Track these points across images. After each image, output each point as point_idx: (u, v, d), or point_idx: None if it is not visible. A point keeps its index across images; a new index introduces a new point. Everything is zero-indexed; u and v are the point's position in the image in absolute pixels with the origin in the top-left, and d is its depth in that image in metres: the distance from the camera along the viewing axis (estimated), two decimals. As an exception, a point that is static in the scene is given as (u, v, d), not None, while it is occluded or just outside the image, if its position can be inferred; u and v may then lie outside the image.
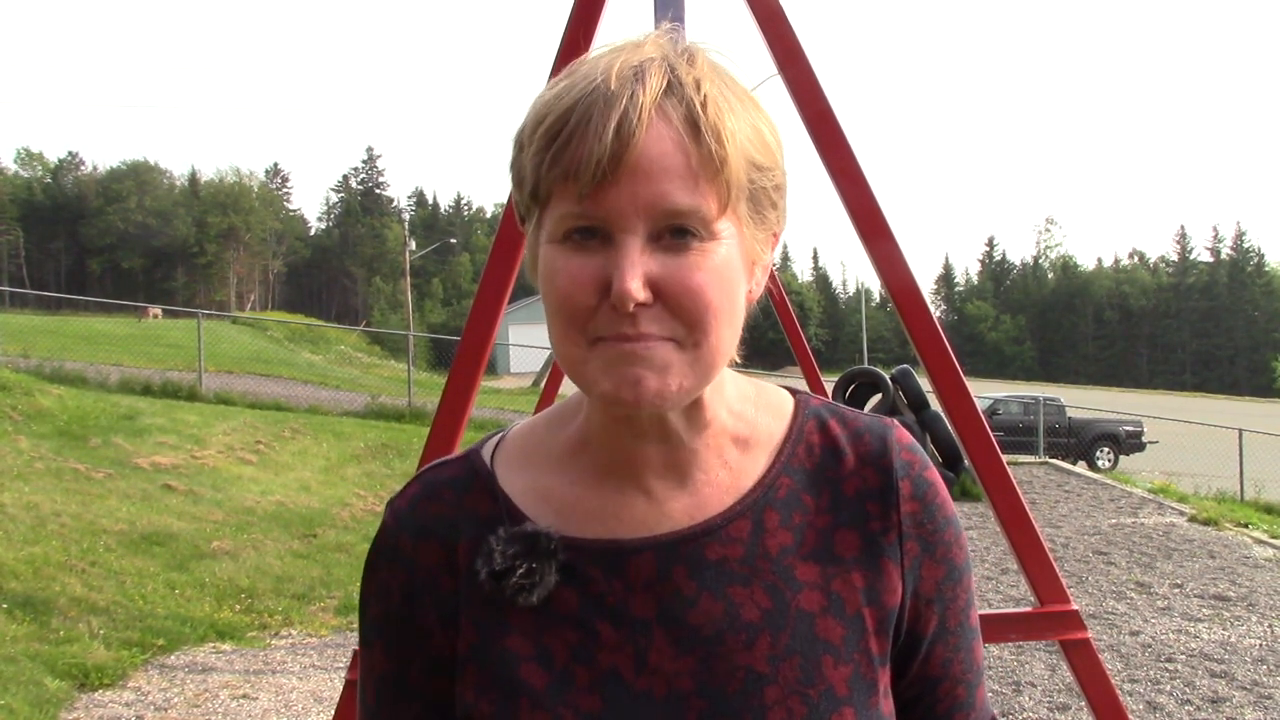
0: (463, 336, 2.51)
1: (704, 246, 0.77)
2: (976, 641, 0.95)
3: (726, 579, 0.85)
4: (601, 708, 0.82)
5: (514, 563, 0.83)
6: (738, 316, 0.82)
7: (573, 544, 0.85)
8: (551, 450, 0.91)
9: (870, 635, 0.86)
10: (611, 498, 0.87)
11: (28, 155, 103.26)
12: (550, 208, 0.78)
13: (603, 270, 0.76)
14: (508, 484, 0.90)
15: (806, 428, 0.92)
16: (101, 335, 21.38)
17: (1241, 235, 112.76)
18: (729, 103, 0.78)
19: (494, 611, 0.85)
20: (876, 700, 0.86)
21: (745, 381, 0.94)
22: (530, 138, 0.78)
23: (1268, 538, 10.88)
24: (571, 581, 0.84)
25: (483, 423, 15.72)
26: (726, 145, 0.76)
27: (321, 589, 7.79)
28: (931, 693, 0.93)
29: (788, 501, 0.88)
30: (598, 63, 0.78)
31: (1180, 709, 5.74)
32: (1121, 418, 24.16)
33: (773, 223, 0.84)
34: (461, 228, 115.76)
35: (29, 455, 9.79)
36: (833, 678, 0.84)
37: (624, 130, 0.74)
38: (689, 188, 0.76)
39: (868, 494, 0.89)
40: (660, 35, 0.82)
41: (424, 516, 0.89)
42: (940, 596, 0.91)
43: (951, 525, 0.92)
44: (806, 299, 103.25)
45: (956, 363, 2.47)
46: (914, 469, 0.91)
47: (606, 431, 0.87)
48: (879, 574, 0.88)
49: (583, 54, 0.83)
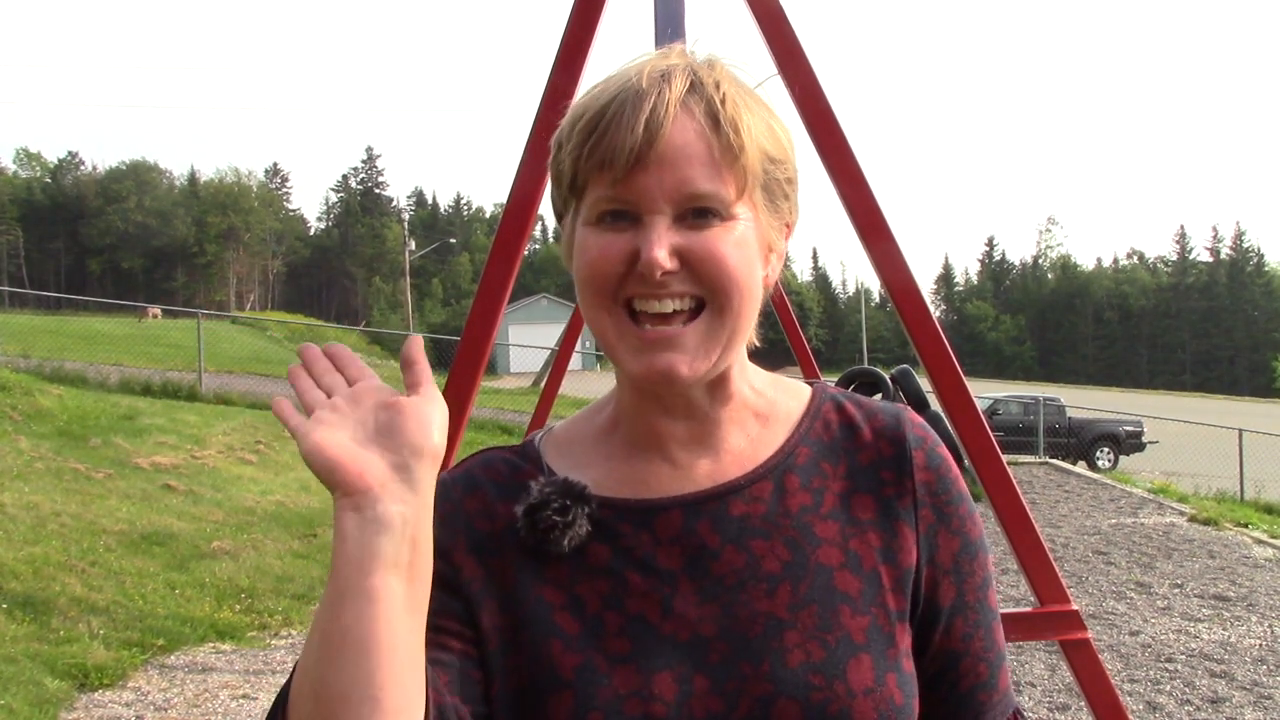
0: (463, 336, 2.50)
1: (725, 224, 0.86)
2: (997, 624, 0.98)
3: (749, 533, 0.91)
4: (630, 650, 0.87)
5: (549, 498, 0.90)
6: (756, 291, 0.89)
7: (606, 502, 0.92)
8: (588, 435, 0.99)
9: (887, 591, 0.91)
10: (641, 467, 0.94)
11: (28, 155, 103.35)
12: (586, 195, 0.87)
13: (631, 244, 0.85)
14: (552, 464, 0.97)
15: (824, 408, 0.99)
16: (101, 335, 21.35)
17: (1241, 235, 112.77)
18: (745, 102, 0.88)
19: (529, 562, 0.91)
20: (895, 654, 0.89)
21: (765, 372, 1.01)
22: (569, 135, 0.88)
23: (1268, 538, 10.89)
24: (603, 536, 0.91)
25: (483, 423, 15.71)
26: (743, 136, 0.85)
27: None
28: (954, 668, 0.95)
29: (806, 468, 0.94)
30: (629, 70, 0.88)
31: (1180, 709, 5.74)
32: (1121, 418, 24.14)
33: (785, 213, 0.93)
34: (461, 228, 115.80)
35: (29, 455, 9.79)
36: (850, 626, 0.88)
37: (653, 122, 0.83)
38: (710, 174, 0.85)
39: (882, 463, 0.95)
40: (683, 48, 0.91)
41: (476, 478, 0.96)
42: (958, 569, 0.95)
43: (965, 501, 0.97)
44: (806, 299, 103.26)
45: (956, 363, 2.47)
46: (927, 443, 0.96)
47: (635, 409, 0.95)
48: (894, 535, 0.93)
49: (583, 54, 0.92)
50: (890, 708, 0.86)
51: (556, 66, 2.37)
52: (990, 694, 0.96)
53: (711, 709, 0.85)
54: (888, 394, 10.84)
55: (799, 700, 0.85)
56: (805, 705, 0.85)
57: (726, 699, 0.85)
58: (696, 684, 0.86)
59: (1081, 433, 22.57)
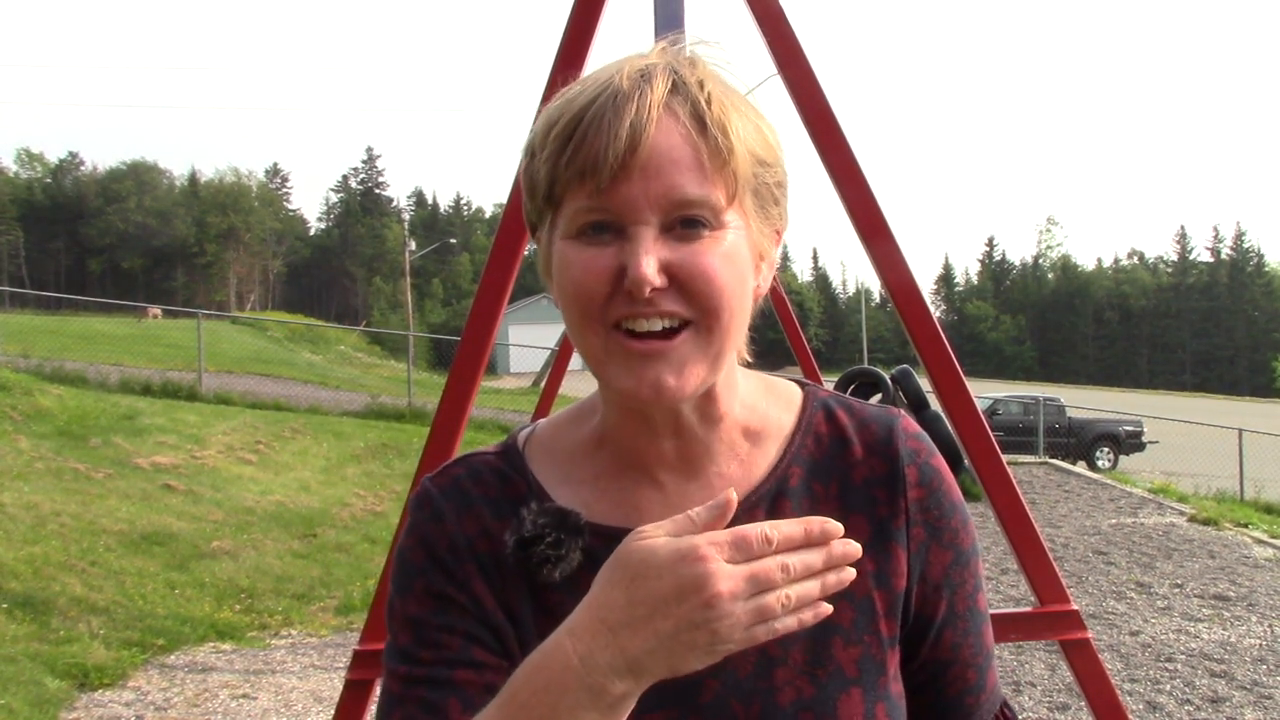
0: (463, 336, 2.51)
1: (714, 234, 0.81)
2: (986, 625, 0.97)
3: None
4: None
5: (543, 531, 0.86)
6: (746, 304, 0.85)
7: (597, 530, 0.88)
8: (574, 447, 0.95)
9: (880, 618, 0.89)
10: (630, 490, 0.91)
11: (28, 155, 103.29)
12: (564, 207, 0.82)
13: (616, 260, 0.80)
14: (539, 474, 0.94)
15: (815, 419, 0.95)
16: (101, 335, 21.35)
17: (1241, 235, 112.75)
18: (731, 102, 0.83)
19: (525, 585, 0.88)
20: (885, 681, 0.89)
21: (755, 376, 0.97)
22: (543, 142, 0.82)
23: (1268, 538, 10.88)
24: (594, 565, 0.86)
25: (483, 423, 15.70)
26: (732, 138, 0.80)
27: (321, 589, 7.79)
28: (942, 676, 0.95)
29: (799, 490, 0.91)
30: (605, 71, 0.83)
31: (1180, 709, 5.74)
32: (1121, 418, 24.15)
33: (775, 219, 0.88)
34: (461, 228, 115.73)
35: (29, 455, 9.79)
36: (841, 658, 0.87)
37: (636, 127, 0.78)
38: (698, 179, 0.80)
39: (875, 481, 0.92)
40: (663, 46, 0.86)
41: (467, 494, 0.92)
42: (948, 582, 0.93)
43: (958, 511, 0.95)
44: (806, 299, 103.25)
45: (956, 363, 2.47)
46: (920, 456, 0.94)
47: (621, 429, 0.90)
48: (887, 558, 0.90)
49: (583, 54, 0.88)
50: None
51: (557, 66, 2.37)
52: (978, 696, 0.97)
53: None
54: (888, 394, 10.81)
55: None
56: None
57: None
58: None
59: (1081, 433, 22.58)
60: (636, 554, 0.72)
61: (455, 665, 0.86)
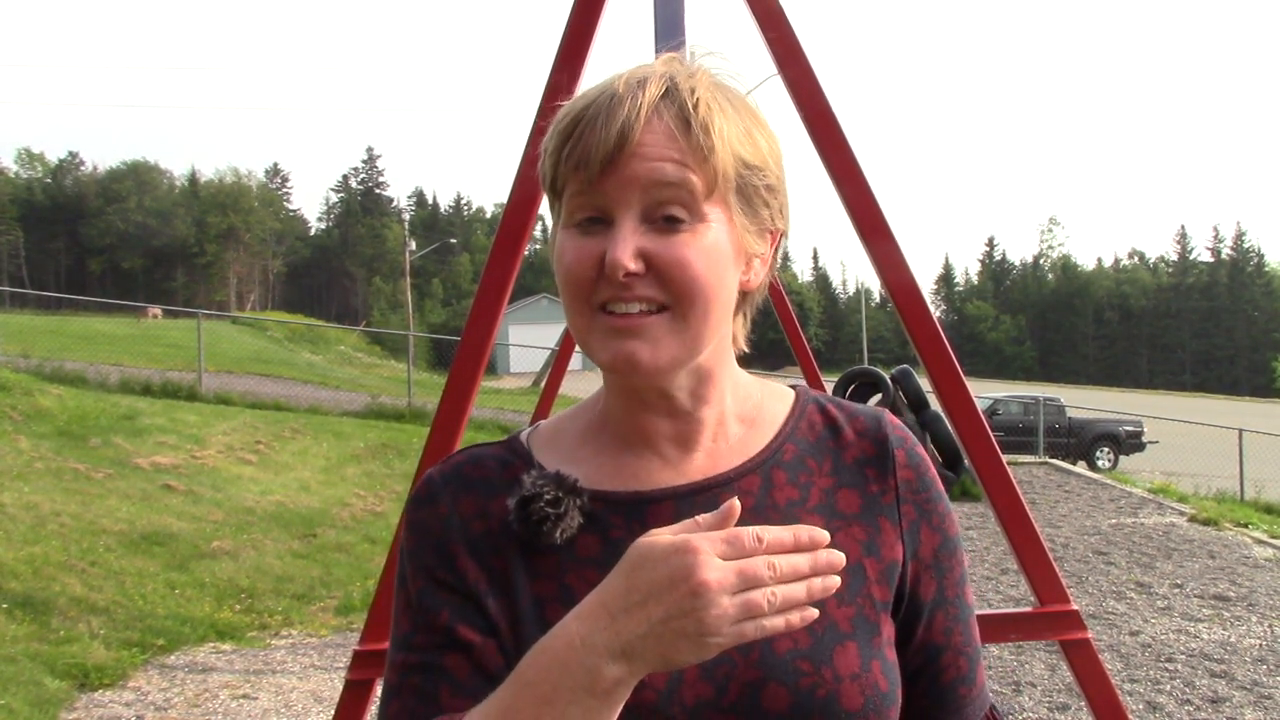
0: (463, 336, 2.51)
1: (694, 228, 0.88)
2: (974, 619, 1.02)
3: (738, 524, 0.89)
4: None
5: (542, 490, 0.90)
6: (726, 295, 0.91)
7: (598, 495, 0.94)
8: (576, 431, 1.01)
9: (871, 583, 0.94)
10: (631, 461, 0.97)
11: (28, 155, 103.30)
12: (565, 197, 0.90)
13: (602, 247, 0.87)
14: (541, 458, 0.98)
15: (808, 409, 1.02)
16: (101, 335, 21.38)
17: (1241, 235, 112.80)
18: (721, 107, 0.89)
19: (523, 557, 0.92)
20: (879, 642, 0.93)
21: (750, 375, 1.04)
22: (551, 138, 0.91)
23: (1268, 538, 10.88)
24: (594, 528, 0.92)
25: (483, 423, 15.70)
26: (714, 137, 0.87)
27: (321, 589, 7.79)
28: (935, 661, 0.99)
29: (793, 464, 0.97)
30: (610, 78, 0.91)
31: (1180, 709, 5.74)
32: (1121, 418, 24.17)
33: (766, 220, 0.94)
34: (461, 228, 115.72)
35: (29, 455, 9.79)
36: (836, 615, 0.91)
37: (625, 125, 0.86)
38: (678, 169, 0.87)
39: (866, 461, 0.99)
40: (669, 56, 0.94)
41: (467, 478, 0.97)
42: (938, 564, 0.99)
43: (944, 500, 1.01)
44: (806, 299, 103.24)
45: (956, 363, 2.47)
46: (907, 443, 1.01)
47: (621, 408, 0.97)
48: (878, 530, 0.96)
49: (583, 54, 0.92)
50: (875, 693, 0.90)
51: (556, 66, 2.37)
52: (969, 688, 1.01)
53: (701, 695, 0.87)
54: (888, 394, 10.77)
55: (787, 685, 0.88)
56: (793, 690, 0.87)
57: (716, 685, 0.87)
58: (686, 671, 0.87)
59: (1081, 433, 22.60)
60: (641, 547, 0.76)
61: (445, 649, 0.90)
